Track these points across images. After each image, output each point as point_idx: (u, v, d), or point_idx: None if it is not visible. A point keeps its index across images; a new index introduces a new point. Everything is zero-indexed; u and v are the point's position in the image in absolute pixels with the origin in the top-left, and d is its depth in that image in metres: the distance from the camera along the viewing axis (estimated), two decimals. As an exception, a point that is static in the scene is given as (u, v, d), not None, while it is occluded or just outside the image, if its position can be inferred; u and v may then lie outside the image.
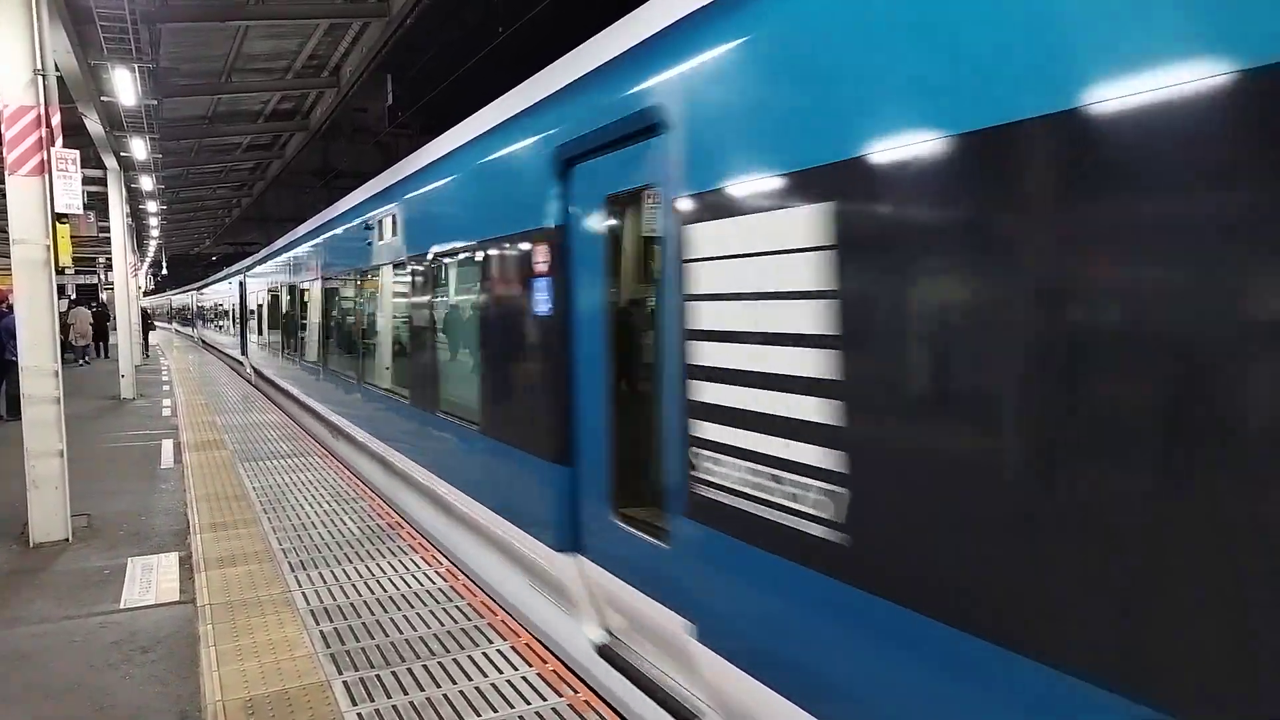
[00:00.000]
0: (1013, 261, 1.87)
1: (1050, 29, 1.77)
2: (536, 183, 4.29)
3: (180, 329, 54.62)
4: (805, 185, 2.44)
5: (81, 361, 22.78)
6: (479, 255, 5.21)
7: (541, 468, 4.32)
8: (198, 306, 41.10)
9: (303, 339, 12.18)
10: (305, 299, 12.00)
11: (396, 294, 7.31)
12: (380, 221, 7.62)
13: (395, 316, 7.45)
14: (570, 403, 4.09)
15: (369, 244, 8.08)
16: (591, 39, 4.02)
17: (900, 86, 2.14)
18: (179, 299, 60.51)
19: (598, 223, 3.84)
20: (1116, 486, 1.67)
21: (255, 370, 18.38)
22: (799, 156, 2.46)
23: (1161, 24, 1.58)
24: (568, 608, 4.30)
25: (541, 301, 4.27)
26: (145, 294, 50.77)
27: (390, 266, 7.37)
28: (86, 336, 23.20)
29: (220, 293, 29.17)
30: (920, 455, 2.11)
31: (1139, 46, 1.60)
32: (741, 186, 2.70)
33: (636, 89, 3.33)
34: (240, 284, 21.12)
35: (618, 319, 3.83)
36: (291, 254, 13.39)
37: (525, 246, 4.44)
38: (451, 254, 5.77)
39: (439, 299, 6.10)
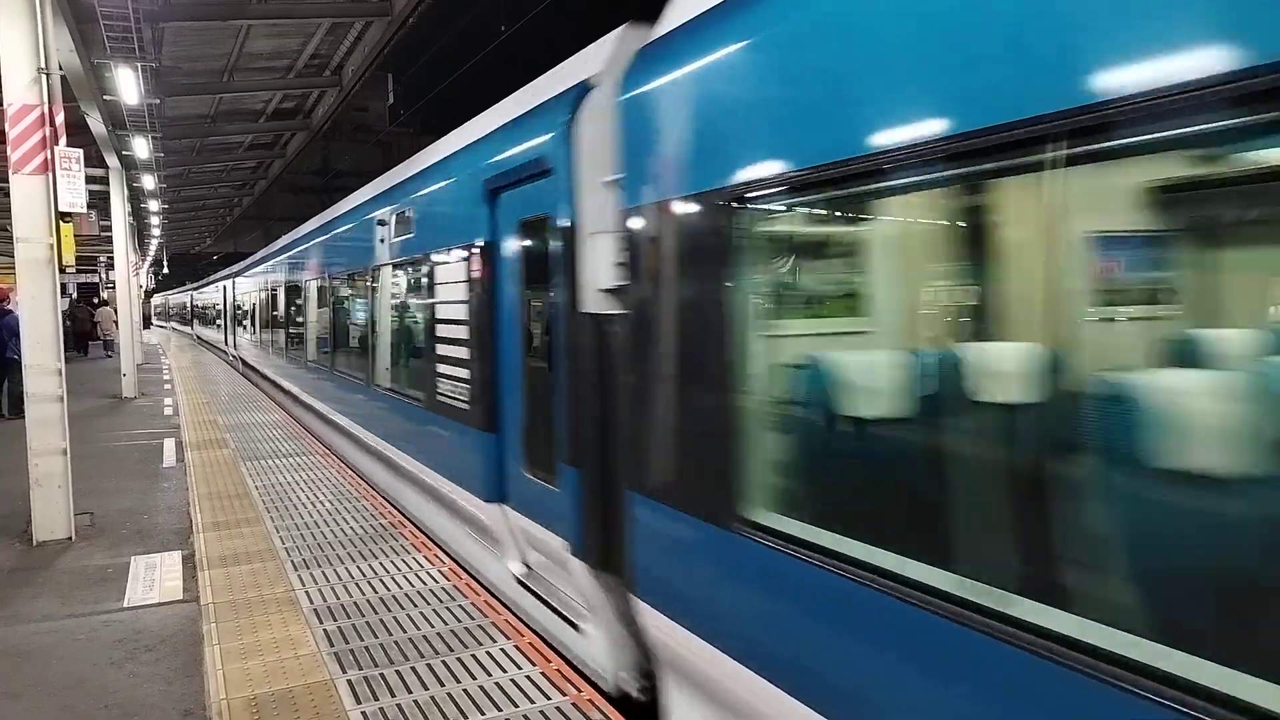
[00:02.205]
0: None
1: None
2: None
3: (179, 328, 55.48)
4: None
5: (107, 354, 25.45)
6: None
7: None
8: (194, 306, 46.37)
9: (276, 332, 15.33)
10: (277, 300, 15.00)
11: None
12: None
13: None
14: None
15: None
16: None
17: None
18: (176, 299, 62.82)
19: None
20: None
21: (238, 357, 23.20)
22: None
23: None
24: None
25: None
26: (147, 294, 50.65)
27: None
28: (112, 332, 24.86)
29: (210, 295, 35.40)
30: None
31: None
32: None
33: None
34: (224, 288, 26.41)
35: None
36: (270, 262, 16.51)
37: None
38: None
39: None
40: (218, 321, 30.16)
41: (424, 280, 6.49)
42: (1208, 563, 1.84)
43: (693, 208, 3.03)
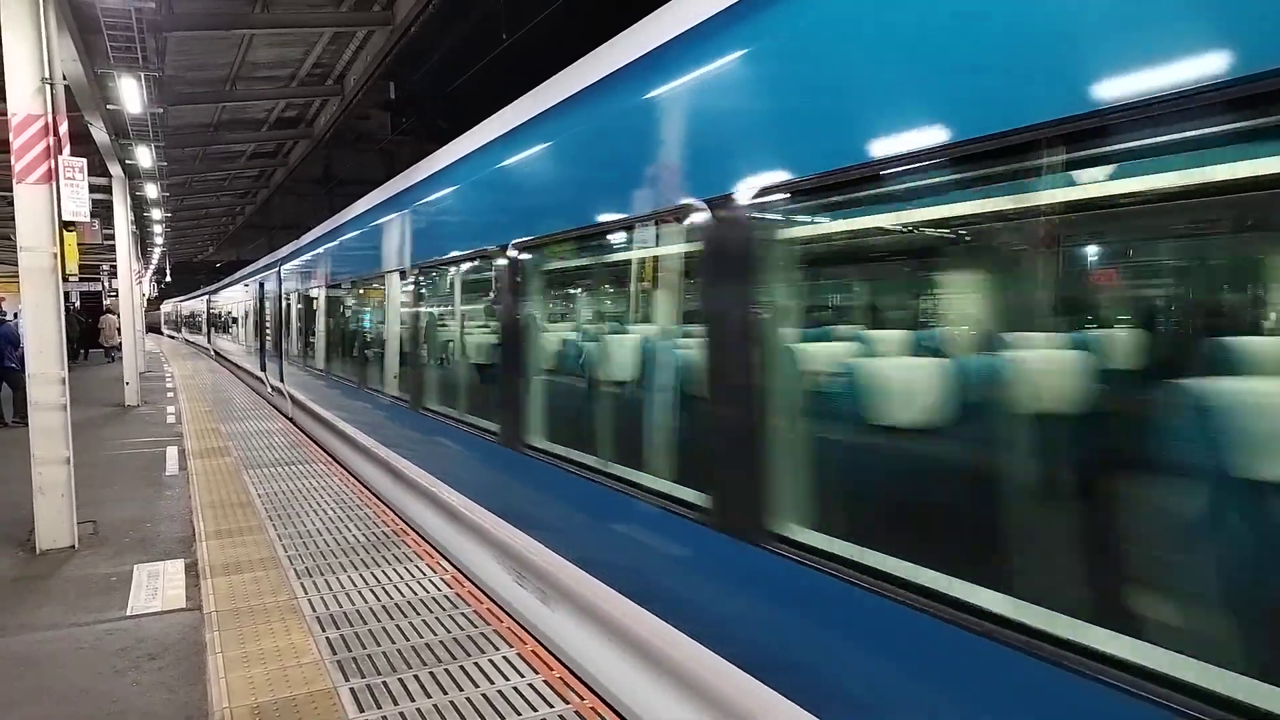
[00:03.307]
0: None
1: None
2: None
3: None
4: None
5: (109, 359, 26.42)
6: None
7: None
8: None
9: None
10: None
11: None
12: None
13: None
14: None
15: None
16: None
17: None
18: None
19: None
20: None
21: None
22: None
23: None
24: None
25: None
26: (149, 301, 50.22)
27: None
28: (115, 339, 25.87)
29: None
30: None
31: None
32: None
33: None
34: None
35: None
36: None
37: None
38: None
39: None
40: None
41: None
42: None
43: None
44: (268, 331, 16.40)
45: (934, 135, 2.13)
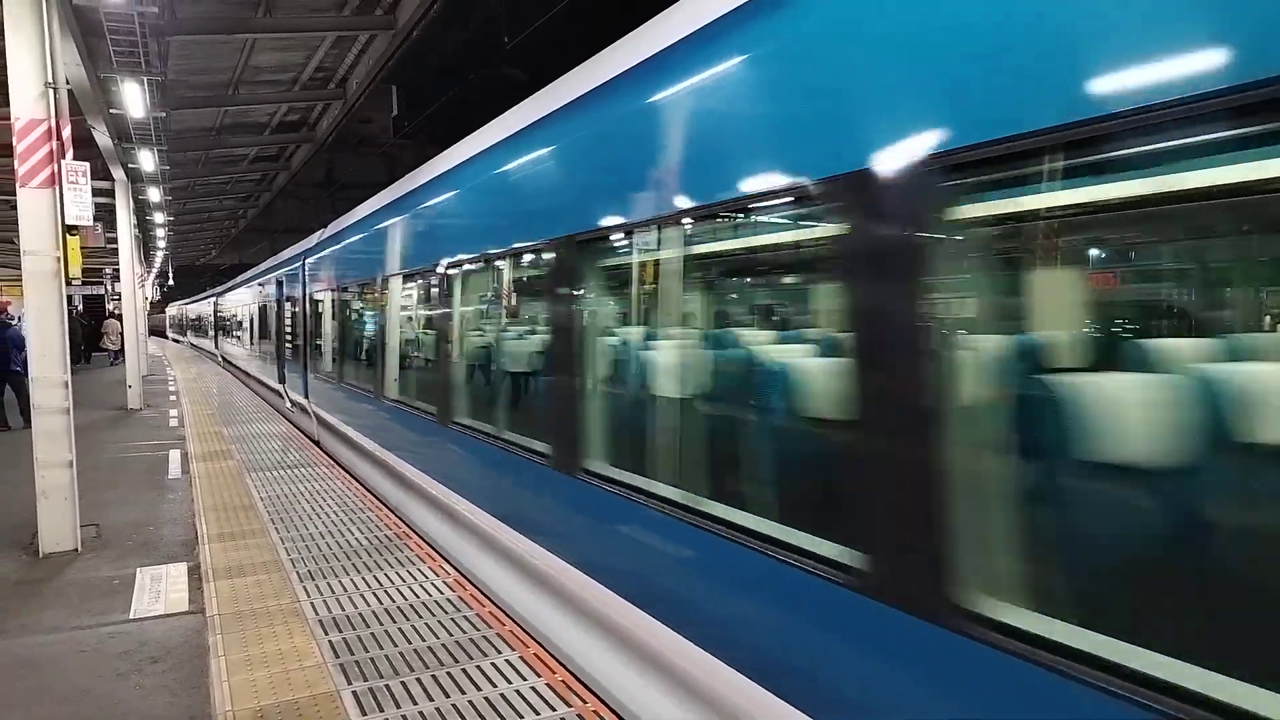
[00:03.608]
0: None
1: None
2: None
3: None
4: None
5: (112, 362, 26.70)
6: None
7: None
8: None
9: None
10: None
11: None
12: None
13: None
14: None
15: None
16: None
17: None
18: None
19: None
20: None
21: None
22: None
23: None
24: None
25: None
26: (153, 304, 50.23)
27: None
28: (117, 343, 26.37)
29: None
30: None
31: None
32: None
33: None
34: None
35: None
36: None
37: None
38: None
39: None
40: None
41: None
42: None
43: None
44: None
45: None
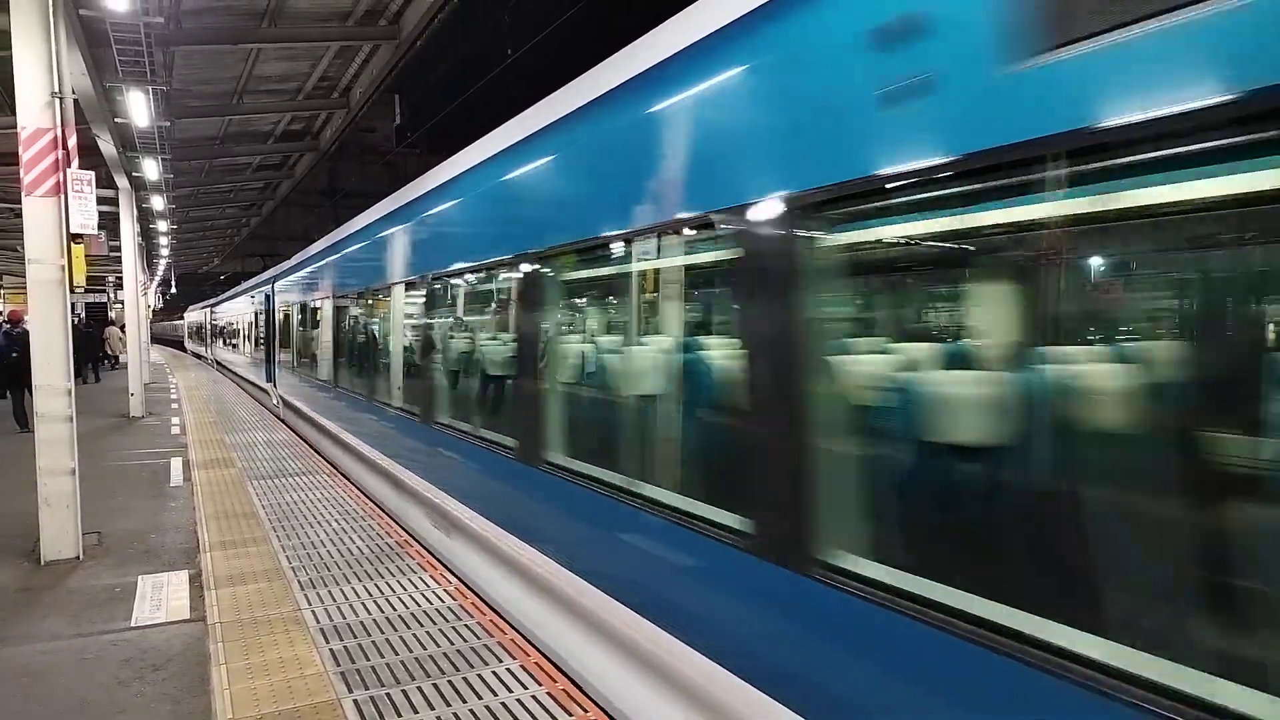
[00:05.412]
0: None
1: None
2: None
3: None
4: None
5: (112, 367, 27.50)
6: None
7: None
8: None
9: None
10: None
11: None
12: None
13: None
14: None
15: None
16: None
17: None
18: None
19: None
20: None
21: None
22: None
23: None
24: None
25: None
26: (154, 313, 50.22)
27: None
28: (118, 349, 27.46)
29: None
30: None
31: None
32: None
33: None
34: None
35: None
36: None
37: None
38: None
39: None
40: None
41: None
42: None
43: None
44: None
45: None
